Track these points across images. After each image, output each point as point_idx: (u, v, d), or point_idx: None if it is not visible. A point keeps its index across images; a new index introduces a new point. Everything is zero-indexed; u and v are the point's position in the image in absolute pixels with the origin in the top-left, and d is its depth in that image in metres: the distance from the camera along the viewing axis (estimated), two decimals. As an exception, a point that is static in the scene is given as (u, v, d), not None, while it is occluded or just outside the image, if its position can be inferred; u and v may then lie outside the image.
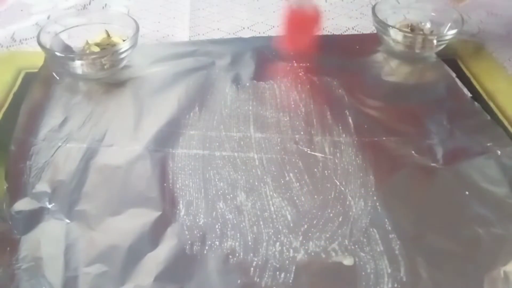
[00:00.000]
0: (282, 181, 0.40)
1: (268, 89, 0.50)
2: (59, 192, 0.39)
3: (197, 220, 0.37)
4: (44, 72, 0.51)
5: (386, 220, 0.37)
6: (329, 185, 0.40)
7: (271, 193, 0.39)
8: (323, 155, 0.42)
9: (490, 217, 0.37)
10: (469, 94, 0.50)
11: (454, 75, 0.52)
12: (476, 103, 0.48)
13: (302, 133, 0.45)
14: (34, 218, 0.37)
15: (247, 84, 0.51)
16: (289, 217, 0.37)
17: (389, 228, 0.36)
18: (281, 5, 0.68)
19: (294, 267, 0.34)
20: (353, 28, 0.64)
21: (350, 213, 0.37)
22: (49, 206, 0.37)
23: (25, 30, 0.61)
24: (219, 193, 0.39)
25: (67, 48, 0.53)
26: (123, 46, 0.50)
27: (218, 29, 0.63)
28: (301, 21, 0.54)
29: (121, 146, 0.43)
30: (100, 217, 0.37)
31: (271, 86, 0.51)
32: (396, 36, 0.54)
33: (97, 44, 0.53)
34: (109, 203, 0.38)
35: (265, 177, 0.41)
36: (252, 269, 0.34)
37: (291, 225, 0.37)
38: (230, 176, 0.41)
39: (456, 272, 0.34)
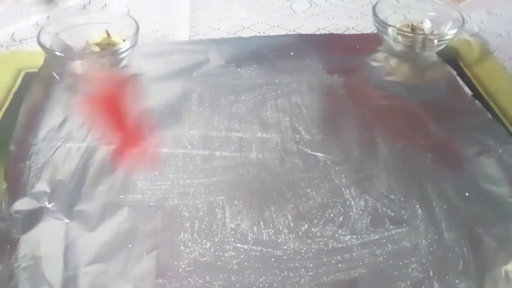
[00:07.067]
0: (283, 181, 0.40)
1: (269, 89, 0.50)
2: (58, 191, 0.39)
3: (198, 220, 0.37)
4: (44, 72, 0.51)
5: (387, 220, 0.37)
6: (329, 185, 0.40)
7: (271, 193, 0.39)
8: (323, 155, 0.42)
9: (491, 216, 0.37)
10: (470, 93, 0.49)
11: (455, 73, 0.52)
12: (477, 101, 0.48)
13: (302, 133, 0.45)
14: (33, 218, 0.36)
15: (248, 83, 0.51)
16: (289, 217, 0.37)
17: (390, 227, 0.36)
18: (281, 5, 0.68)
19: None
20: (353, 28, 0.64)
21: (351, 213, 0.37)
22: (49, 206, 0.37)
23: (25, 30, 0.61)
24: (220, 193, 0.39)
25: (67, 48, 0.53)
26: (123, 46, 0.50)
27: (218, 29, 0.63)
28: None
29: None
30: (99, 217, 0.37)
31: (271, 86, 0.51)
32: (396, 36, 0.54)
33: (97, 44, 0.53)
34: (108, 203, 0.38)
35: (265, 177, 0.40)
36: (252, 268, 0.34)
37: (292, 225, 0.37)
38: (230, 176, 0.40)
39: (457, 272, 0.33)
